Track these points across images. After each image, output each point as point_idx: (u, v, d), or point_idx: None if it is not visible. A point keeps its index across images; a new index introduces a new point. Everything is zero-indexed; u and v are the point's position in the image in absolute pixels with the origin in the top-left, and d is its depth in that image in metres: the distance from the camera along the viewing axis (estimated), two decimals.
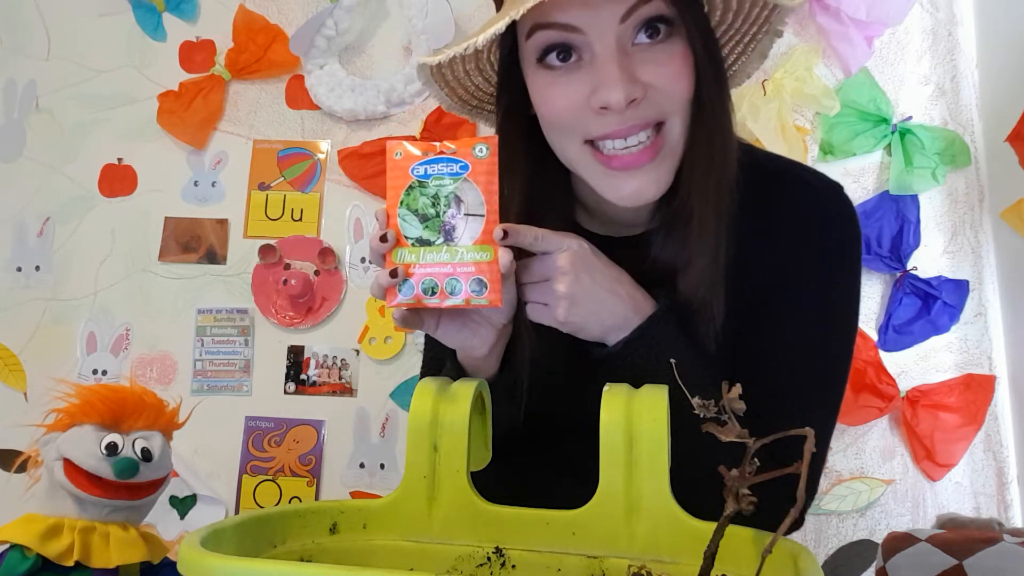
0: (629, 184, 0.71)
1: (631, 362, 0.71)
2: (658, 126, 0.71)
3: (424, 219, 0.66)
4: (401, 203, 0.66)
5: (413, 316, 0.69)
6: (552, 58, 0.70)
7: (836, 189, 0.81)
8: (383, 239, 0.65)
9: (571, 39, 0.69)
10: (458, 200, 0.65)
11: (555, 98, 0.71)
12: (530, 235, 0.68)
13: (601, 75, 0.68)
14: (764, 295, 0.76)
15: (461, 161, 0.66)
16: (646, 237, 0.80)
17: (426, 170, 0.66)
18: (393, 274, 0.65)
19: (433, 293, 0.66)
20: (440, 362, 0.80)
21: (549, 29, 0.69)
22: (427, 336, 0.90)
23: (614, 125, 0.69)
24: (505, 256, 0.65)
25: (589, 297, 0.69)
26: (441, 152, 0.66)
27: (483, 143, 0.66)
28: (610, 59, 0.67)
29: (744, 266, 0.75)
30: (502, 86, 0.78)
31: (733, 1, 0.73)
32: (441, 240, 0.66)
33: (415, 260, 0.66)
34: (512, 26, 0.71)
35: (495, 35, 0.68)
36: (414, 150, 0.67)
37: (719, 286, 0.74)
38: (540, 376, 0.76)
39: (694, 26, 0.70)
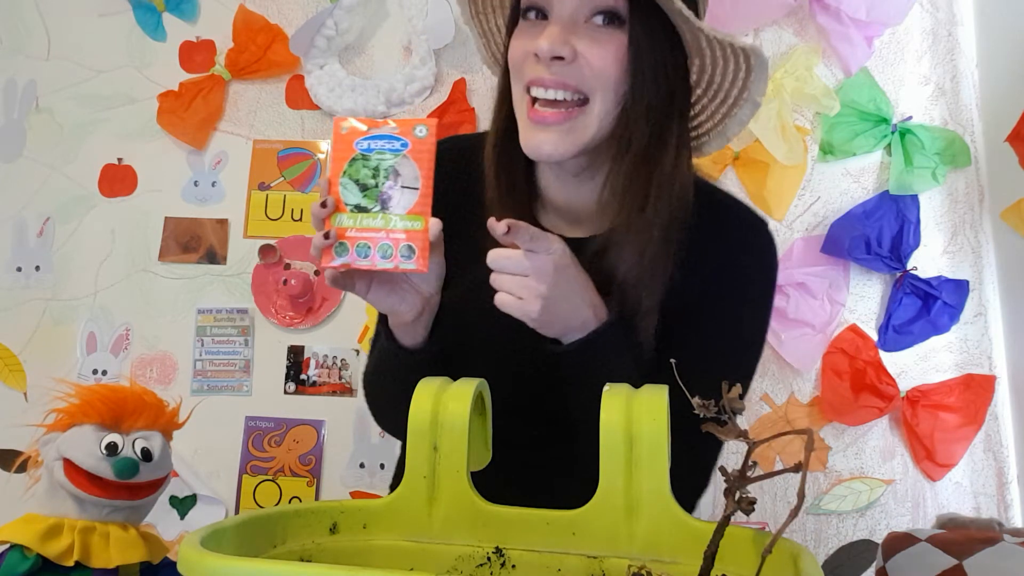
0: (538, 137, 0.80)
1: (581, 361, 0.79)
2: (583, 102, 0.80)
3: (364, 188, 0.73)
4: (344, 172, 0.74)
5: (345, 278, 0.76)
6: (531, 14, 0.82)
7: (763, 224, 0.91)
8: (323, 205, 0.73)
9: (548, 1, 0.80)
10: (396, 173, 0.73)
11: (516, 45, 0.83)
12: (527, 233, 0.74)
13: (546, 30, 0.79)
14: (690, 308, 0.84)
15: (402, 139, 0.74)
16: (595, 240, 0.87)
17: (369, 144, 0.74)
18: (327, 236, 0.72)
19: (366, 256, 0.73)
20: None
21: None
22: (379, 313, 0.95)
23: (541, 72, 0.79)
24: (435, 226, 0.73)
25: (563, 300, 0.76)
26: (383, 128, 0.74)
27: (423, 124, 0.74)
28: (557, 21, 0.80)
29: (676, 280, 0.84)
30: (507, 40, 0.87)
31: (705, 50, 0.82)
32: (378, 208, 0.73)
33: (352, 224, 0.73)
34: None
35: None
36: (360, 125, 0.74)
37: (656, 294, 0.82)
38: (488, 356, 0.81)
39: (637, 31, 0.79)
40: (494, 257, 0.75)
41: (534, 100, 0.81)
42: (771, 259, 0.90)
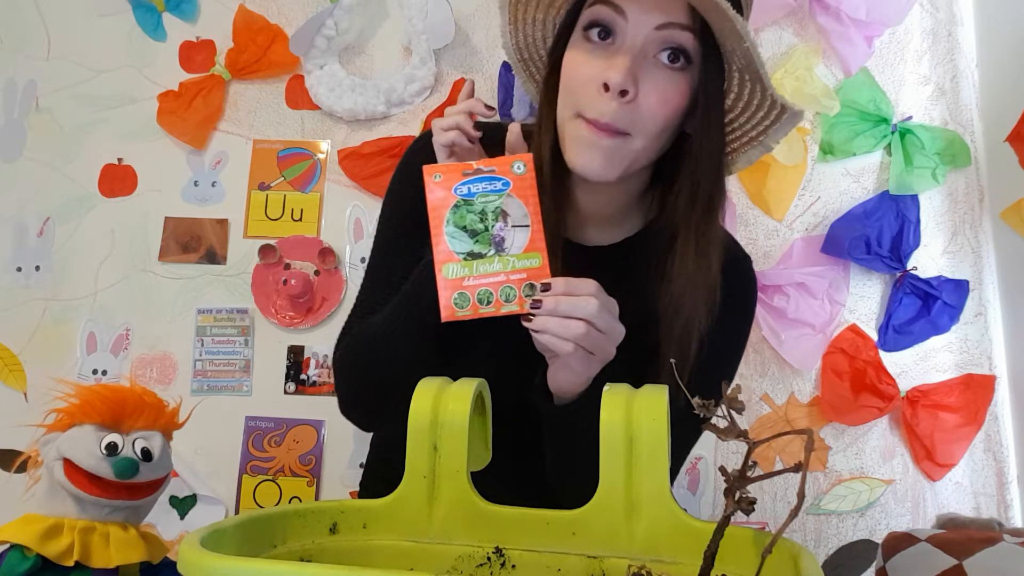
0: (587, 156, 0.80)
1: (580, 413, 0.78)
2: (625, 134, 0.80)
3: (473, 234, 0.72)
4: (447, 221, 0.72)
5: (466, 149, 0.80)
6: (594, 32, 0.81)
7: (750, 261, 0.99)
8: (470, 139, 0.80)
9: (615, 21, 0.79)
10: (504, 214, 0.72)
11: (579, 65, 0.81)
12: (611, 307, 0.74)
13: (617, 59, 0.78)
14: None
15: (502, 179, 0.73)
16: (620, 246, 0.91)
17: (469, 189, 0.73)
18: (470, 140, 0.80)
19: (488, 303, 0.71)
20: (380, 302, 0.88)
21: (604, 5, 0.79)
22: (371, 271, 0.95)
23: (596, 114, 0.78)
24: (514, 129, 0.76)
25: (599, 354, 0.74)
26: (478, 171, 0.73)
27: (520, 161, 0.73)
28: (630, 51, 0.78)
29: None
30: (556, 43, 0.87)
31: (745, 92, 0.84)
32: (492, 252, 0.72)
33: (468, 272, 0.72)
34: (580, 2, 0.83)
35: None
36: (452, 171, 0.73)
37: (700, 314, 0.83)
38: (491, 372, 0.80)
39: (707, 74, 0.80)
40: (593, 310, 0.70)
41: (586, 121, 0.80)
42: (755, 289, 1.00)
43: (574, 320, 0.70)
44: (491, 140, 0.87)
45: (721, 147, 0.85)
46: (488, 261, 0.71)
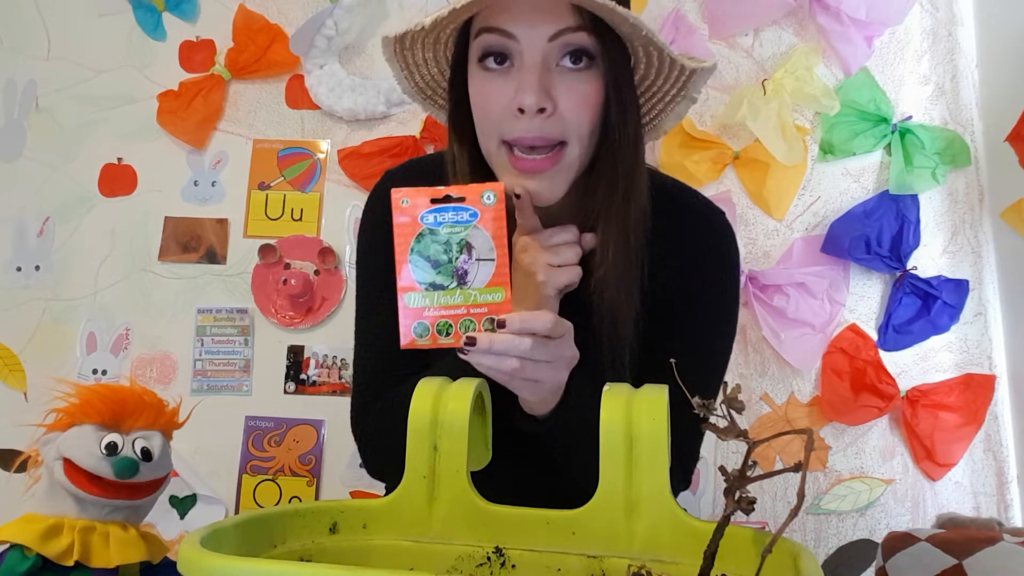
0: (529, 186, 0.80)
1: (563, 425, 0.80)
2: (560, 145, 0.80)
3: (436, 264, 0.71)
4: (412, 250, 0.71)
5: None
6: (490, 61, 0.80)
7: (721, 214, 0.94)
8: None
9: (507, 45, 0.78)
10: (469, 246, 0.70)
11: (486, 97, 0.81)
12: (561, 327, 0.73)
13: (523, 81, 0.77)
14: (664, 302, 0.87)
15: (471, 209, 0.71)
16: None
17: (435, 218, 0.71)
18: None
19: (448, 334, 0.70)
20: (400, 372, 0.87)
21: (491, 33, 0.79)
22: (370, 344, 0.94)
23: (522, 131, 0.78)
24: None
25: (546, 381, 0.75)
26: (448, 198, 0.71)
27: (490, 190, 0.71)
28: (533, 69, 0.77)
29: (648, 278, 0.87)
30: (453, 79, 0.87)
31: (654, 59, 0.83)
32: (454, 284, 0.70)
33: (429, 304, 0.71)
34: (466, 28, 0.82)
35: (438, 19, 0.78)
36: (420, 197, 0.71)
37: (631, 295, 0.83)
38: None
39: (611, 64, 0.80)
40: (526, 348, 0.70)
41: (510, 147, 0.80)
42: (732, 247, 0.93)
43: (507, 357, 0.70)
44: (423, 176, 0.87)
45: (638, 131, 0.85)
46: (450, 293, 0.71)
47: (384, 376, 0.91)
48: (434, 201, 0.71)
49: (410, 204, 0.71)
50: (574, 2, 0.75)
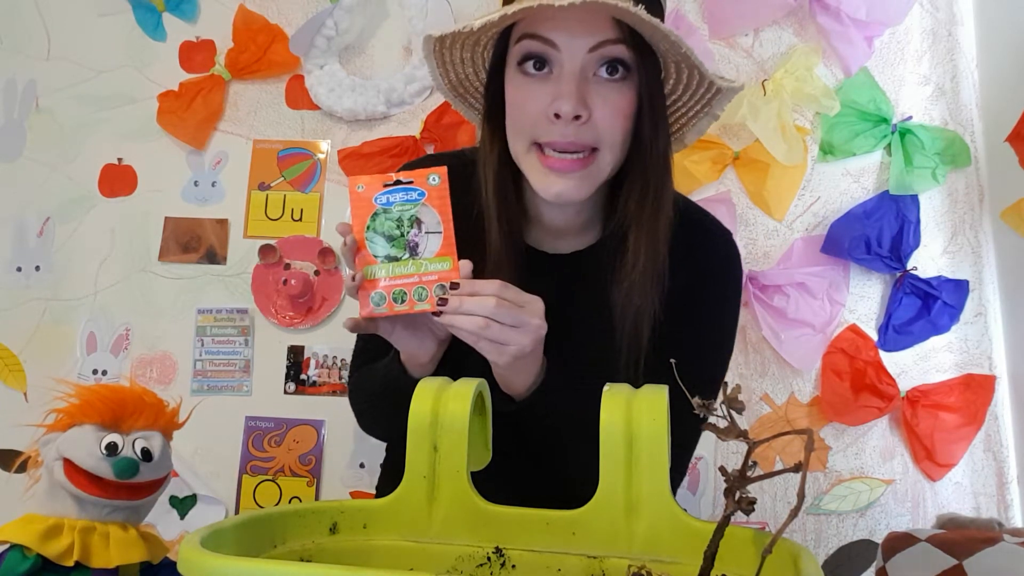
0: (557, 185, 0.84)
1: (542, 406, 0.85)
2: (593, 151, 0.84)
3: (390, 239, 0.79)
4: (368, 227, 0.80)
5: (369, 322, 0.82)
6: (529, 66, 0.83)
7: (730, 234, 0.99)
8: (344, 244, 0.80)
9: (548, 52, 0.82)
10: (419, 221, 0.79)
11: (523, 100, 0.84)
12: (524, 298, 0.79)
13: (561, 88, 0.81)
14: (675, 312, 0.90)
15: (418, 189, 0.80)
16: (584, 253, 0.94)
17: (388, 199, 0.80)
18: (352, 278, 0.79)
19: (403, 301, 0.79)
20: (371, 353, 0.95)
21: (534, 39, 0.82)
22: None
23: (557, 136, 0.82)
24: (466, 267, 0.79)
25: (512, 344, 0.79)
26: (398, 183, 0.80)
27: (435, 173, 0.80)
28: (572, 78, 0.81)
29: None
30: (490, 81, 0.90)
31: (684, 75, 0.86)
32: (407, 255, 0.79)
33: (386, 274, 0.79)
34: (506, 32, 0.85)
35: (488, 22, 0.80)
36: (375, 182, 0.80)
37: (654, 300, 0.87)
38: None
39: (646, 77, 0.83)
40: (490, 307, 0.76)
41: (540, 147, 0.84)
42: (739, 266, 0.99)
43: (475, 317, 0.76)
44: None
45: (667, 144, 0.88)
46: (403, 264, 0.79)
47: (364, 355, 1.00)
48: (386, 186, 0.80)
49: (366, 188, 0.80)
50: (617, 16, 0.78)
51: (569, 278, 0.93)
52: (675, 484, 0.95)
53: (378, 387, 0.95)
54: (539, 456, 0.88)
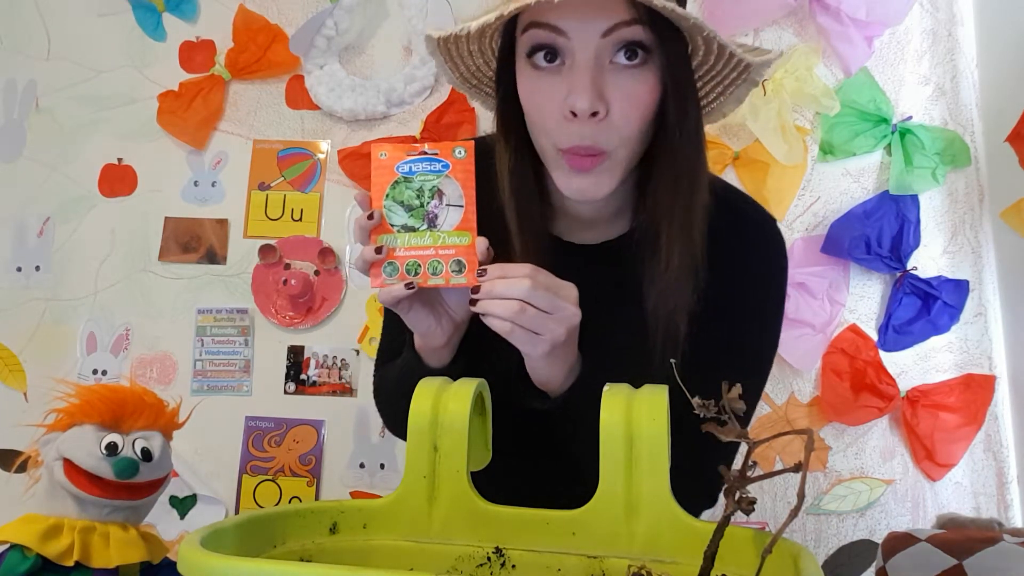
0: (578, 182, 0.79)
1: (575, 406, 0.79)
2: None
3: (409, 209, 0.76)
4: (387, 196, 0.76)
5: (396, 297, 0.77)
6: (539, 57, 0.76)
7: (774, 221, 0.93)
8: (370, 217, 0.75)
9: (558, 42, 0.75)
10: (440, 192, 0.76)
11: (537, 98, 0.78)
12: (554, 282, 0.74)
13: (575, 81, 0.74)
14: (712, 307, 0.84)
15: (443, 160, 0.76)
16: (612, 245, 0.89)
17: (411, 167, 0.76)
18: (378, 251, 0.75)
19: (416, 273, 0.75)
20: (394, 353, 0.90)
21: (541, 28, 0.75)
22: (386, 325, 0.99)
23: (577, 140, 0.76)
24: (482, 243, 0.74)
25: (567, 348, 0.77)
26: (423, 152, 0.76)
27: (461, 146, 0.76)
28: (586, 69, 0.74)
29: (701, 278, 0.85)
30: (500, 72, 0.84)
31: (714, 46, 0.78)
32: (425, 227, 0.75)
33: (401, 244, 0.75)
34: (513, 20, 0.78)
35: (485, 24, 0.75)
36: (398, 151, 0.77)
37: (690, 293, 0.81)
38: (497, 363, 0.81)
39: (669, 58, 0.75)
40: (525, 289, 0.71)
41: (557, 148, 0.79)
42: (783, 254, 0.91)
43: (508, 300, 0.71)
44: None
45: (699, 125, 0.81)
46: (420, 235, 0.75)
47: (387, 354, 0.96)
48: (409, 155, 0.76)
49: (388, 156, 0.77)
50: None
51: (598, 270, 0.86)
52: (702, 508, 0.90)
53: (395, 379, 0.91)
54: (564, 456, 0.83)
